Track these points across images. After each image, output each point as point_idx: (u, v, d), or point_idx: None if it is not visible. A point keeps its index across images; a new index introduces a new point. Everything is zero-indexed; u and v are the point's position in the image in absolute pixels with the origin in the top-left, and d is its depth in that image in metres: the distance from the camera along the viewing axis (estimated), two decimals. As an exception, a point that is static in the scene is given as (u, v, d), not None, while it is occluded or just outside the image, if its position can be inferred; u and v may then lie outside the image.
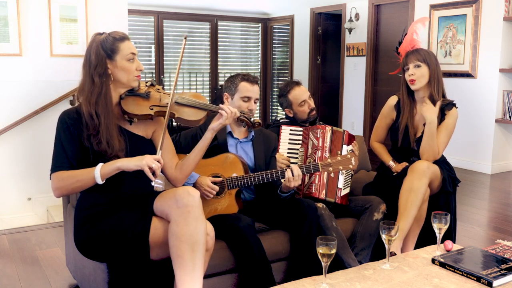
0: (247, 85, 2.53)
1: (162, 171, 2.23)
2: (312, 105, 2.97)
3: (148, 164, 1.89)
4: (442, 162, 2.83)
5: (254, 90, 2.54)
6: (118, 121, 2.07)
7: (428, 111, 2.71)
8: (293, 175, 2.34)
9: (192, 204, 1.87)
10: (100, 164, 1.93)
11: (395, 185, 2.71)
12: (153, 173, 1.91)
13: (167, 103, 2.10)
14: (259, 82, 2.63)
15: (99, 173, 1.91)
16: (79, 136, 1.99)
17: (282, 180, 2.41)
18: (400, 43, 2.93)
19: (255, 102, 2.56)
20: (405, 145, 2.85)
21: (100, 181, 1.92)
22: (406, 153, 2.88)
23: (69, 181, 1.95)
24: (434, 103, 2.77)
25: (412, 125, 2.82)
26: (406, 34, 2.92)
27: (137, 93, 2.09)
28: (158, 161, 1.92)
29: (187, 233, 1.84)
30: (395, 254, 2.39)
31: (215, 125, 2.19)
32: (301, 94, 2.93)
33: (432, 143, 2.72)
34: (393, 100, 2.94)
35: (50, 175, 1.98)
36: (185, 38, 2.25)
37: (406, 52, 2.83)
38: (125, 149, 2.02)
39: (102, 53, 1.99)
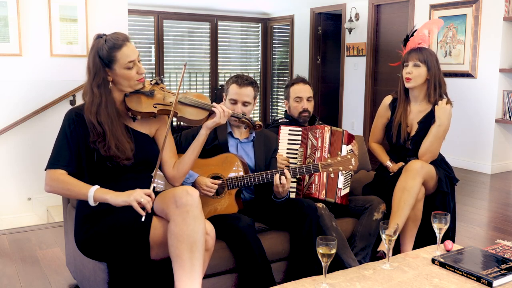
0: (235, 87, 2.53)
1: (160, 170, 2.24)
2: (307, 106, 2.91)
3: (136, 199, 1.85)
4: (440, 162, 2.84)
5: (241, 93, 2.51)
6: (123, 119, 2.08)
7: (441, 113, 2.71)
8: (280, 182, 2.35)
9: (191, 204, 1.87)
10: (96, 187, 1.91)
11: (393, 185, 2.71)
12: (144, 208, 1.85)
13: (171, 102, 2.12)
14: (256, 84, 2.60)
15: (92, 195, 1.89)
16: (85, 134, 2.00)
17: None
18: (408, 37, 2.90)
19: (245, 105, 2.52)
20: (399, 143, 2.86)
21: (92, 203, 1.91)
22: (401, 152, 2.88)
23: (61, 185, 1.95)
24: (432, 104, 2.79)
25: (406, 123, 2.83)
26: (416, 29, 2.90)
27: (142, 91, 2.10)
28: (149, 195, 1.87)
29: (186, 232, 1.84)
30: (385, 253, 2.39)
31: (209, 123, 2.19)
32: (300, 91, 2.92)
33: (436, 145, 2.72)
34: (387, 99, 2.97)
35: (45, 169, 1.98)
36: (184, 65, 2.29)
37: (410, 49, 2.82)
38: (133, 150, 2.03)
39: (99, 62, 1.99)
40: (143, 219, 1.87)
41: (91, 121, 1.98)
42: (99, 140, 1.97)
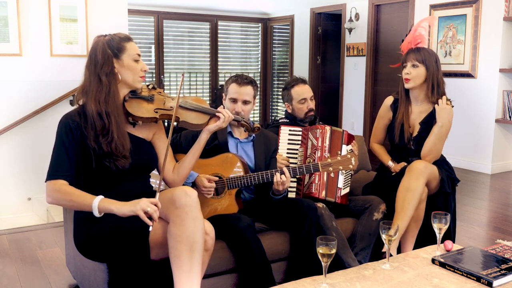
0: (235, 86, 2.53)
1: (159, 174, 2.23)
2: (311, 106, 2.95)
3: (143, 208, 1.82)
4: (441, 162, 2.83)
5: (241, 92, 2.52)
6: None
7: (442, 112, 2.70)
8: (281, 180, 2.36)
9: (190, 204, 1.87)
10: (100, 197, 1.89)
11: (394, 185, 2.71)
12: (150, 218, 1.83)
13: (171, 107, 2.10)
14: (256, 83, 2.60)
15: (97, 206, 1.87)
16: (83, 139, 1.98)
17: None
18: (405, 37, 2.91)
19: (245, 104, 2.53)
20: (402, 144, 2.86)
21: (97, 214, 1.88)
22: (403, 153, 2.88)
23: (64, 196, 1.92)
24: (433, 104, 2.79)
25: (408, 123, 2.83)
26: (411, 29, 2.91)
27: (141, 96, 2.08)
28: (155, 204, 1.85)
29: (185, 233, 1.84)
30: (391, 255, 2.39)
31: (211, 126, 2.20)
32: (304, 92, 2.93)
33: (439, 146, 2.72)
34: (389, 100, 2.97)
35: (46, 181, 1.96)
36: (182, 75, 2.30)
37: (409, 49, 2.82)
38: (130, 150, 2.02)
39: (109, 52, 2.00)
40: (150, 229, 1.84)
41: (98, 111, 1.96)
42: (102, 133, 1.96)
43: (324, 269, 1.84)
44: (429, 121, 2.80)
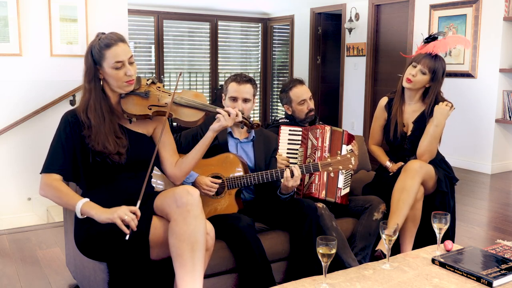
0: (235, 84, 2.53)
1: (161, 168, 2.24)
2: (311, 106, 2.96)
3: (120, 216, 1.84)
4: (439, 161, 2.84)
5: (241, 90, 2.52)
6: (119, 119, 2.09)
7: (439, 113, 2.71)
8: (292, 175, 2.34)
9: (192, 203, 1.87)
10: (84, 200, 1.92)
11: (392, 185, 2.71)
12: (128, 226, 1.84)
13: (166, 103, 2.10)
14: (255, 81, 2.60)
15: (80, 208, 1.91)
16: (80, 135, 2.00)
17: (282, 181, 2.41)
18: (431, 38, 2.86)
19: (245, 102, 2.53)
20: (397, 143, 2.87)
21: (79, 216, 1.93)
22: (399, 152, 2.89)
23: (53, 192, 1.98)
24: (427, 105, 2.80)
25: (402, 121, 2.85)
26: (445, 35, 2.87)
27: (137, 92, 2.09)
28: (134, 213, 1.86)
29: (187, 232, 1.84)
30: (383, 253, 2.40)
31: (215, 126, 2.18)
32: (302, 93, 2.93)
33: (434, 145, 2.73)
34: (383, 101, 2.99)
35: (40, 173, 2.03)
36: (180, 74, 2.36)
37: (427, 52, 2.80)
38: (127, 146, 2.03)
39: (90, 60, 2.02)
40: (127, 237, 1.84)
41: (82, 117, 2.01)
42: (89, 134, 2.00)
43: (324, 269, 1.84)
44: (421, 120, 2.82)
